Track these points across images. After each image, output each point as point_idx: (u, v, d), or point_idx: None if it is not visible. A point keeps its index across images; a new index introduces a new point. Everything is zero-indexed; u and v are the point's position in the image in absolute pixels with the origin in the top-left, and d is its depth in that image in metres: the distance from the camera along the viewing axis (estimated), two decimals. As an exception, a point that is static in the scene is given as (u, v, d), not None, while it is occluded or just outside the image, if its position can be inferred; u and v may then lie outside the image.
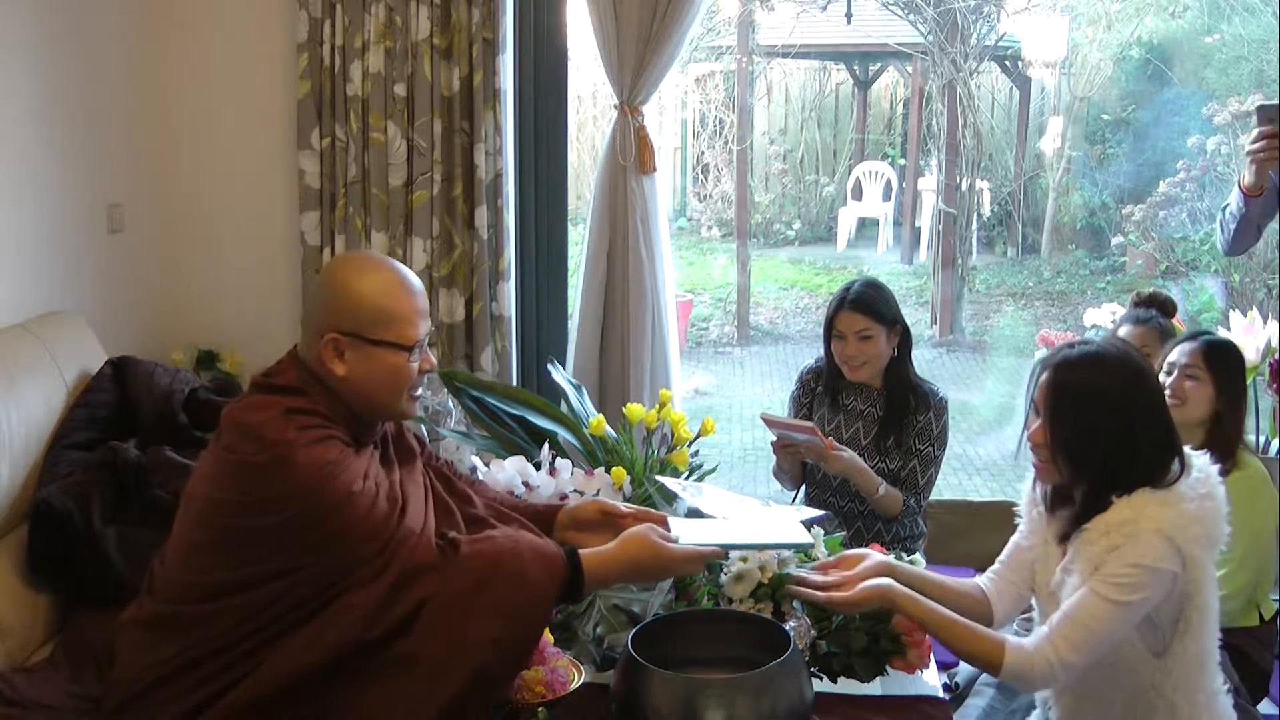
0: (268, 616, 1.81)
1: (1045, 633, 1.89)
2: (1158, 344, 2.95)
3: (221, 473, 1.86)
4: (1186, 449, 1.98)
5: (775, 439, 2.88)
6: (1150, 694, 1.93)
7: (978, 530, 3.72)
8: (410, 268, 3.56)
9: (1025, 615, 2.91)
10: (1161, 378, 2.70)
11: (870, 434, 2.96)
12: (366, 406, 1.95)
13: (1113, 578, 1.85)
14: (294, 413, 1.87)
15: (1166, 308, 3.04)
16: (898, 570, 2.04)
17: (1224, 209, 2.91)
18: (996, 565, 2.17)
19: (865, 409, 2.98)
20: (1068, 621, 1.87)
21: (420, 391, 2.02)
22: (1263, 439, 3.67)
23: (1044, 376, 1.96)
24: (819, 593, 1.97)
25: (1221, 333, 2.97)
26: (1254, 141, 2.73)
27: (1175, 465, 1.93)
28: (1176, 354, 2.71)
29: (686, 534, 1.99)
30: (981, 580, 2.16)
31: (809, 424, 2.78)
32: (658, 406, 2.57)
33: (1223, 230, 2.92)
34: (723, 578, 2.15)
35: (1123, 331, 3.02)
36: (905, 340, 2.98)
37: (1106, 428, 1.91)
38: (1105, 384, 1.92)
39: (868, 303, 2.88)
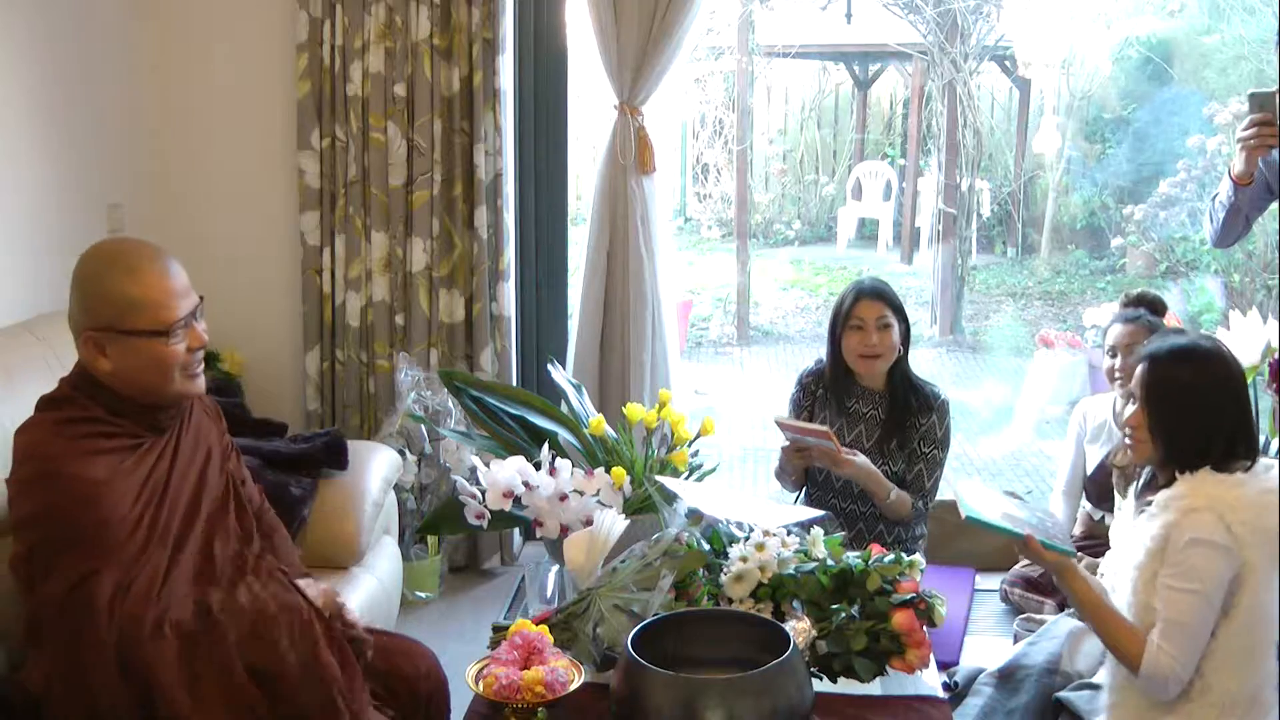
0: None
1: (1156, 639, 1.99)
2: (1147, 341, 2.95)
3: (11, 497, 1.89)
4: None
5: (787, 443, 2.88)
6: (1190, 676, 2.00)
7: (977, 530, 3.72)
8: (410, 268, 3.59)
9: (1025, 615, 2.91)
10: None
11: (873, 437, 2.96)
12: (143, 394, 1.94)
13: (1175, 566, 1.97)
14: (65, 423, 1.88)
15: (1156, 306, 3.06)
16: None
17: (1213, 198, 2.90)
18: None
19: (868, 412, 2.98)
20: (1164, 624, 1.98)
21: (199, 369, 2.00)
22: (1263, 439, 3.67)
23: (1141, 368, 2.12)
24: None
25: (1221, 333, 2.96)
26: (1245, 129, 2.73)
27: (1246, 455, 2.05)
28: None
29: (972, 502, 2.16)
30: None
31: (823, 428, 2.79)
32: (658, 406, 2.57)
33: (1211, 220, 2.92)
34: (722, 578, 2.15)
35: (1113, 331, 3.03)
36: (906, 339, 2.99)
37: (1198, 416, 2.05)
38: (1197, 378, 2.06)
39: (883, 291, 2.94)
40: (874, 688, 2.03)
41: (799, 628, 2.00)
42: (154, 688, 1.83)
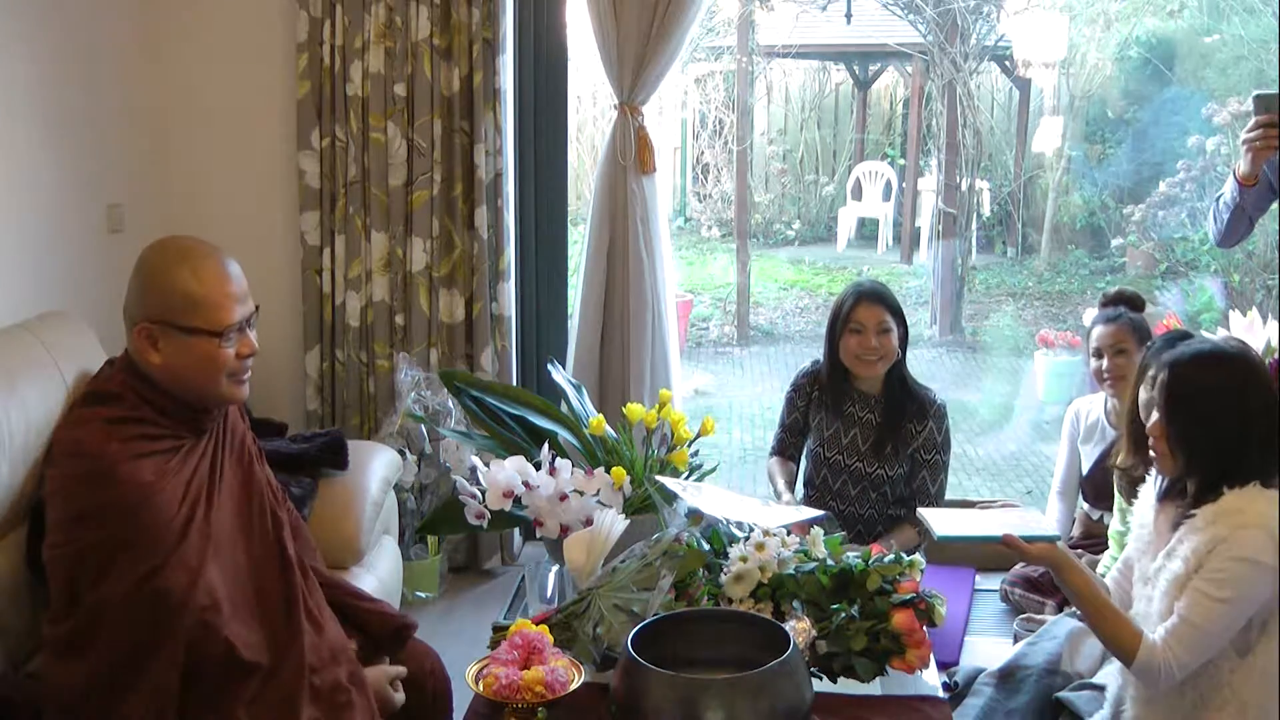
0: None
1: (1162, 633, 1.94)
2: (1131, 338, 2.96)
3: (53, 491, 1.88)
4: None
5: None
6: (1225, 691, 1.97)
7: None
8: (410, 268, 3.59)
9: (1025, 615, 2.91)
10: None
11: (868, 441, 2.96)
12: (187, 393, 1.95)
13: (1216, 574, 1.90)
14: (115, 423, 1.88)
15: (1134, 303, 3.06)
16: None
17: (1218, 198, 2.91)
18: (1115, 577, 2.23)
19: (864, 415, 2.98)
20: (1179, 621, 1.93)
21: (246, 376, 2.00)
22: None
23: (1161, 374, 2.02)
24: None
25: (1221, 333, 2.96)
26: (1250, 130, 2.73)
27: None
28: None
29: (941, 524, 2.12)
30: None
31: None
32: (658, 406, 2.57)
33: (1215, 220, 2.92)
34: (722, 578, 2.15)
35: (1096, 333, 3.03)
36: (904, 343, 2.99)
37: (1221, 423, 1.97)
38: (1219, 382, 1.97)
39: (883, 295, 2.93)
40: (874, 688, 2.03)
41: (799, 628, 2.00)
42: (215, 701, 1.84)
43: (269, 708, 1.87)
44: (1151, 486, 2.18)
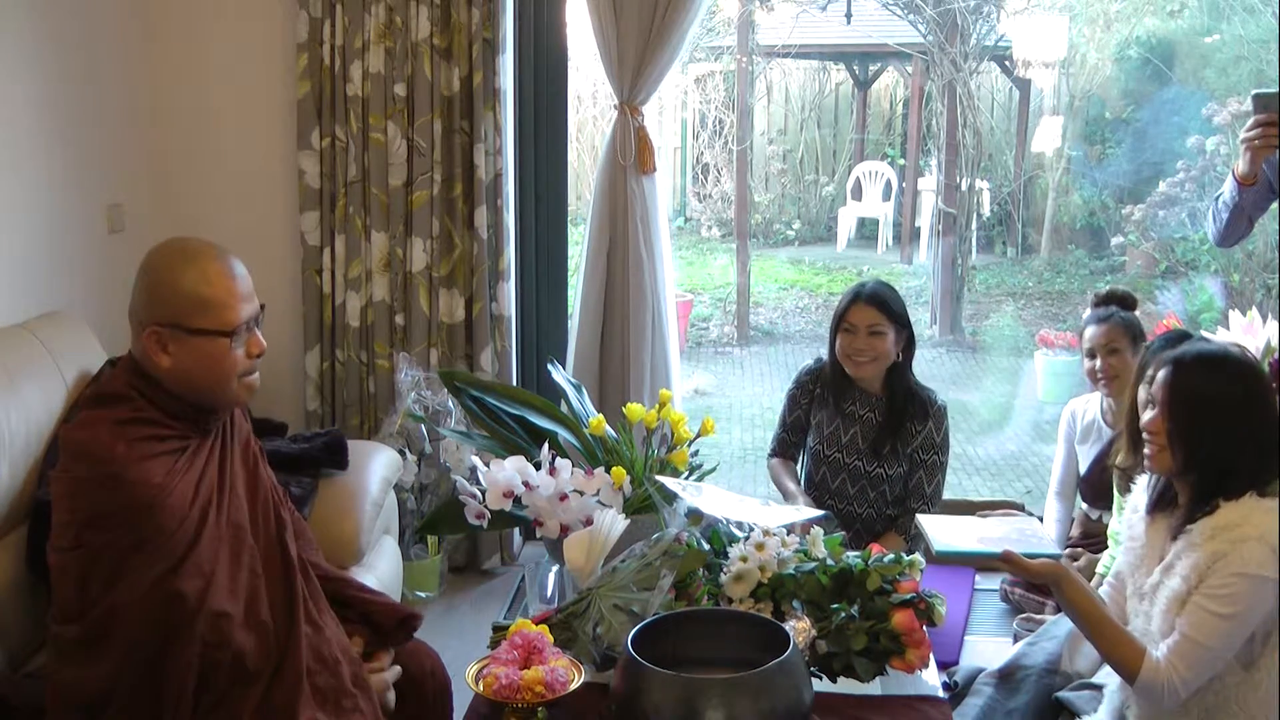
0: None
1: (1164, 651, 1.93)
2: (1124, 338, 2.96)
3: (61, 493, 1.87)
4: None
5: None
6: (1232, 705, 1.95)
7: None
8: (410, 268, 3.59)
9: (1025, 615, 2.91)
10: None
11: (868, 439, 2.96)
12: (197, 395, 1.94)
13: (1217, 589, 1.88)
14: (122, 424, 1.87)
15: (1126, 301, 3.06)
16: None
17: (1217, 198, 2.91)
18: (1107, 590, 2.21)
19: (864, 414, 2.98)
20: (1181, 639, 1.91)
21: (255, 376, 1.99)
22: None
23: (1164, 372, 2.01)
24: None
25: (1221, 333, 2.97)
26: (1249, 130, 2.73)
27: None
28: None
29: (941, 535, 2.10)
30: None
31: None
32: (658, 406, 2.57)
33: (1214, 220, 2.92)
34: (722, 578, 2.15)
35: (1088, 333, 3.03)
36: (909, 346, 2.98)
37: (1222, 429, 1.96)
38: (1224, 389, 1.96)
39: (882, 298, 2.91)
40: (874, 688, 2.03)
41: (799, 628, 2.00)
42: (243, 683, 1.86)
43: (272, 713, 1.87)
44: (1140, 496, 2.16)
